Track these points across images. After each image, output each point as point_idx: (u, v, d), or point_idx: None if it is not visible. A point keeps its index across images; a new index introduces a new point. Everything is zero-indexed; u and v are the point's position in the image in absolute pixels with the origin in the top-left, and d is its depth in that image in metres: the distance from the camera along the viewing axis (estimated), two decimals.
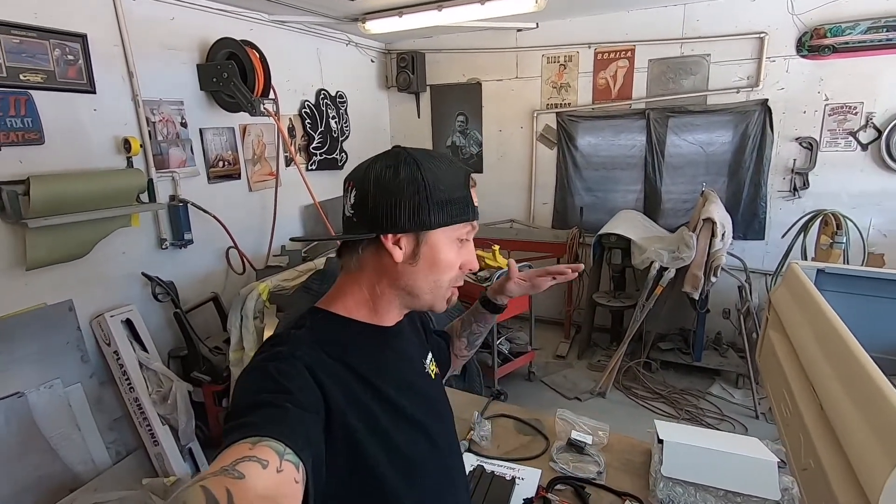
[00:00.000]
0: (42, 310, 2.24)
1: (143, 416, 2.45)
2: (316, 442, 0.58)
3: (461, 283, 0.78)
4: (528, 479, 1.26)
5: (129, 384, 2.43)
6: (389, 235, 0.70)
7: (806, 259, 3.11)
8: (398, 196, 0.69)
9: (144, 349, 2.55)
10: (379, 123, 4.68)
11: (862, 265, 3.03)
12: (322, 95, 3.85)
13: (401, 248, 0.71)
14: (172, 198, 2.76)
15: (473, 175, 0.82)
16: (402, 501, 0.70)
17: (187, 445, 2.57)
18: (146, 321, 2.61)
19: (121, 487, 2.27)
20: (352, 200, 0.73)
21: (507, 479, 1.26)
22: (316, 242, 3.44)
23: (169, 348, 2.79)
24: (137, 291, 2.65)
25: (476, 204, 0.78)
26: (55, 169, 2.22)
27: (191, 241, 2.81)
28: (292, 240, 0.96)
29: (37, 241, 2.11)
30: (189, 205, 2.79)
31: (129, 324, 2.53)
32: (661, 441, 1.20)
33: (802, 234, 3.16)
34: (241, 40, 2.83)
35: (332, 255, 2.78)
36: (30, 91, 2.12)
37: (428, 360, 0.89)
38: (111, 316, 2.45)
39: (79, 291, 2.37)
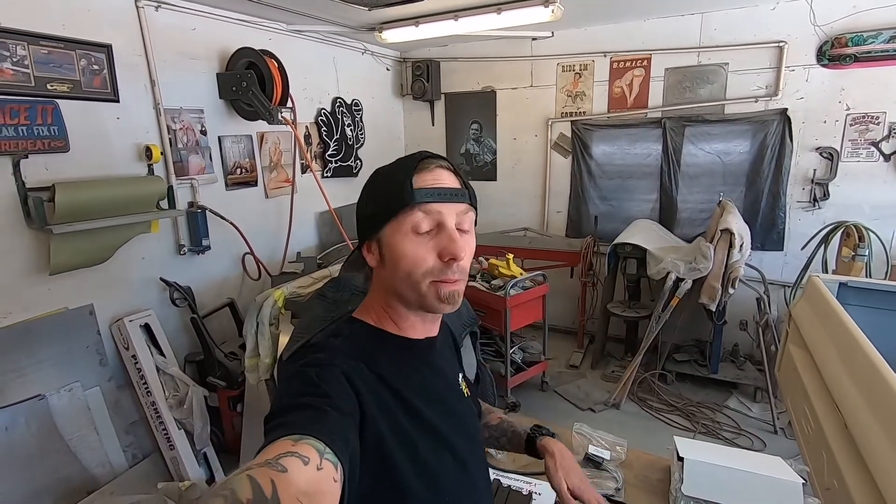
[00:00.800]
0: (63, 314, 2.28)
1: (160, 420, 2.48)
2: (353, 445, 0.59)
3: (450, 276, 0.71)
4: (545, 494, 1.25)
5: (147, 388, 2.46)
6: (365, 245, 0.77)
7: (826, 271, 3.05)
8: (360, 209, 0.77)
9: (162, 354, 2.58)
10: (393, 131, 4.71)
11: (885, 278, 2.97)
12: (338, 103, 3.89)
13: (373, 254, 0.76)
14: (191, 204, 2.81)
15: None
16: None
17: (202, 450, 2.59)
18: (163, 326, 2.64)
19: (137, 491, 2.29)
20: None
21: (524, 493, 1.25)
22: (330, 249, 3.46)
23: (185, 353, 2.82)
24: (156, 296, 2.68)
25: (427, 186, 0.70)
26: (79, 176, 2.27)
27: (208, 247, 2.85)
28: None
29: (60, 247, 2.15)
30: (207, 211, 2.83)
31: (147, 328, 2.56)
32: (681, 458, 1.18)
33: (823, 246, 3.10)
34: (261, 50, 2.88)
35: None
36: (56, 100, 2.17)
37: (460, 378, 0.89)
38: (130, 320, 2.49)
39: (99, 296, 2.42)
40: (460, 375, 0.90)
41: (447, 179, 0.73)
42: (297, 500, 0.45)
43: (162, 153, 2.58)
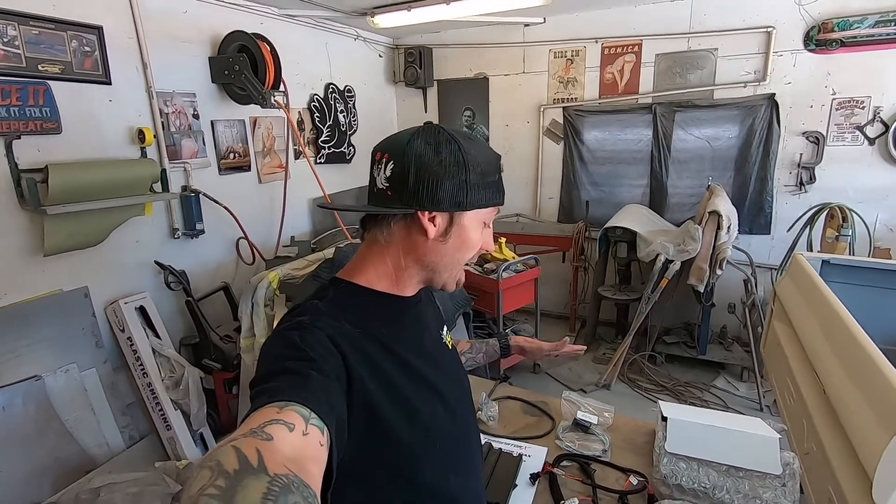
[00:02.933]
0: (58, 296, 2.29)
1: (156, 402, 2.50)
2: (338, 408, 0.59)
3: (475, 260, 0.82)
4: (534, 456, 1.29)
5: (143, 370, 2.48)
6: (426, 212, 0.72)
7: (812, 252, 3.11)
8: (441, 175, 0.70)
9: (157, 336, 2.60)
10: (386, 118, 4.71)
11: None
12: (330, 89, 3.89)
13: (435, 226, 0.73)
14: (184, 188, 2.81)
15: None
16: (419, 465, 0.72)
17: (199, 431, 2.62)
18: (159, 309, 2.66)
19: (134, 470, 2.31)
20: (387, 173, 0.72)
21: (515, 455, 1.29)
22: (324, 235, 3.48)
23: (180, 336, 2.84)
24: (150, 279, 2.69)
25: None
26: (72, 158, 2.27)
27: (202, 231, 2.86)
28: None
29: (54, 228, 2.16)
30: (201, 195, 2.83)
31: (142, 311, 2.58)
32: (664, 419, 1.22)
33: (808, 228, 3.16)
34: (253, 33, 2.87)
35: (342, 244, 2.81)
36: (48, 81, 2.17)
37: (444, 332, 0.92)
38: (125, 303, 2.50)
39: (94, 278, 2.43)
40: (444, 330, 0.93)
41: None
42: (284, 466, 0.45)
43: (154, 136, 2.58)
